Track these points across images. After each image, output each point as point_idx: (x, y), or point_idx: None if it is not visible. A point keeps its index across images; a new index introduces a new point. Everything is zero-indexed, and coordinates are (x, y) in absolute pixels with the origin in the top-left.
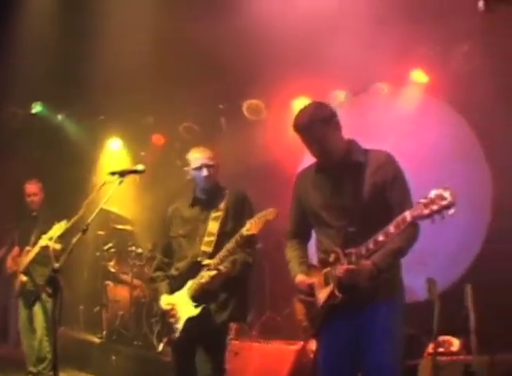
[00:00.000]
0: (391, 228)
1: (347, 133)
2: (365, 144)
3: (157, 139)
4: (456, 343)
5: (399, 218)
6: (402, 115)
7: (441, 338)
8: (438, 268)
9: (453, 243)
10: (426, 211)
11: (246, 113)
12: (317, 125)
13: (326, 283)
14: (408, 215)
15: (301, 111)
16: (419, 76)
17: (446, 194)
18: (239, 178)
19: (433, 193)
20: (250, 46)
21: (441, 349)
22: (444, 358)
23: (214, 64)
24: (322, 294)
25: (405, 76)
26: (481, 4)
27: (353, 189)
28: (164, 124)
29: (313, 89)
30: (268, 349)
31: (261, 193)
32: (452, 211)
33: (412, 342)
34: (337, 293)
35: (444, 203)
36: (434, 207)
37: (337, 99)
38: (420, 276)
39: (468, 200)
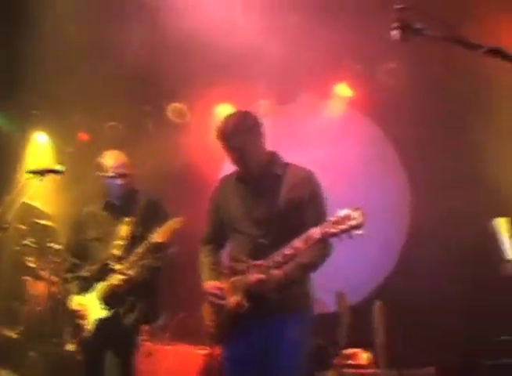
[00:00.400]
0: (299, 243)
1: (270, 143)
2: (288, 155)
3: (83, 136)
4: (364, 356)
5: (307, 234)
6: (326, 128)
7: (350, 350)
8: (351, 282)
9: (369, 258)
10: (333, 230)
11: (170, 115)
12: (240, 134)
13: (234, 292)
14: (315, 232)
15: (226, 119)
16: (343, 90)
17: (355, 214)
18: (160, 181)
19: (342, 213)
20: (176, 49)
21: (349, 362)
22: (352, 370)
23: (140, 65)
24: (229, 303)
25: (329, 89)
26: (394, 32)
27: (270, 202)
28: (90, 121)
29: (238, 97)
30: (179, 352)
31: (181, 196)
32: (360, 231)
33: (320, 353)
34: (243, 302)
35: (352, 223)
36: (343, 227)
37: (262, 108)
38: (332, 289)
39: (386, 217)
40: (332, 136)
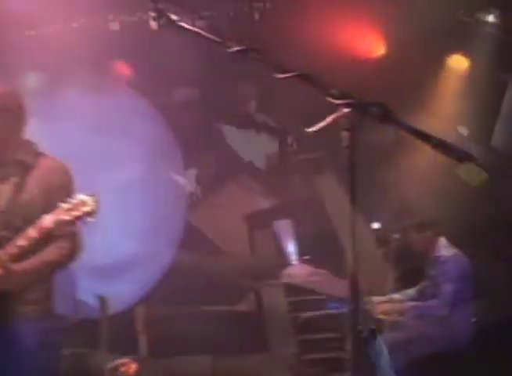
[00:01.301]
0: (32, 232)
1: (34, 126)
2: (47, 140)
3: None
4: (133, 366)
5: (40, 223)
6: (99, 110)
7: (118, 361)
8: (120, 286)
9: (139, 262)
10: (67, 217)
11: None
12: None
13: None
14: (48, 219)
15: None
16: (121, 67)
17: (90, 201)
18: None
19: (76, 199)
20: None
21: (116, 373)
22: None
23: None
24: None
25: (108, 66)
26: (153, 23)
27: (12, 192)
28: None
29: (4, 71)
30: None
31: None
32: (92, 219)
33: (80, 364)
34: None
35: (85, 209)
36: (76, 213)
37: (27, 84)
38: (98, 293)
39: (158, 215)
40: (106, 119)
